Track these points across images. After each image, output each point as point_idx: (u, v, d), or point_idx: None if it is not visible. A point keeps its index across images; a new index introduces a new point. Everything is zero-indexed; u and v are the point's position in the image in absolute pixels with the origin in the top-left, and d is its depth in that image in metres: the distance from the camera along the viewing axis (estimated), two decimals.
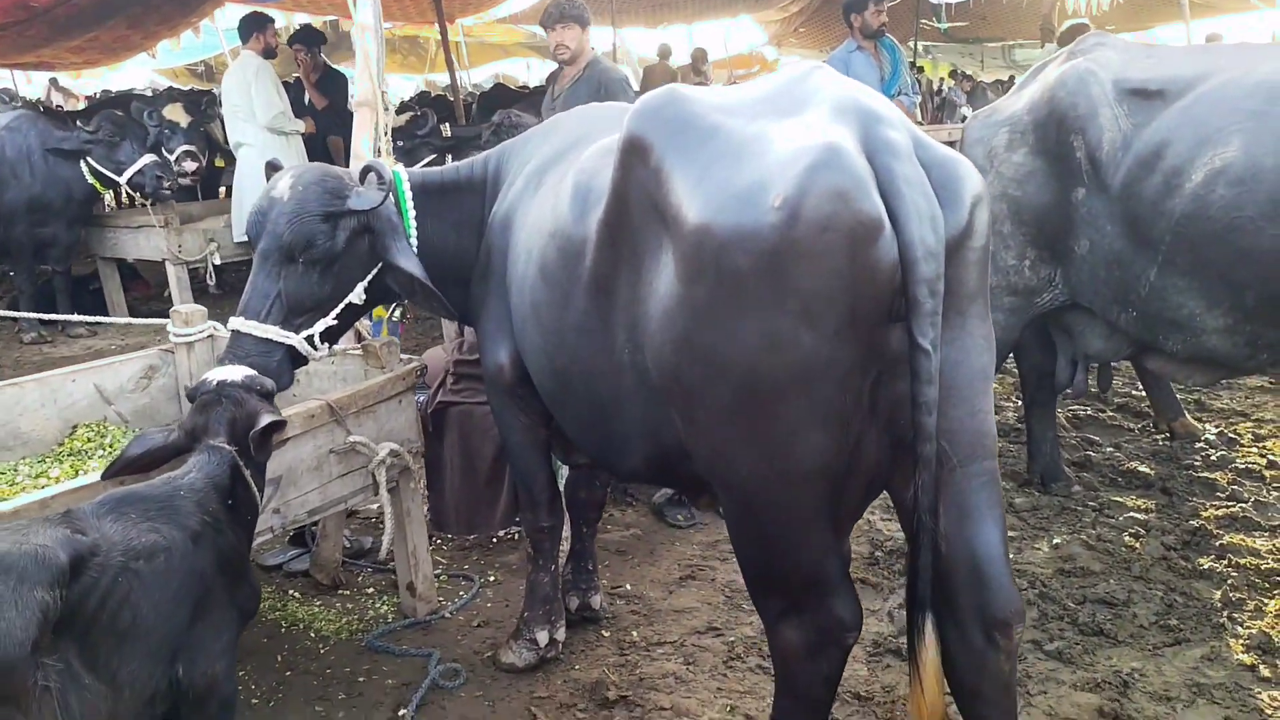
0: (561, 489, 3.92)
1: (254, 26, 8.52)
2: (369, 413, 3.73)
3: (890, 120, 2.38)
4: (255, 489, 2.85)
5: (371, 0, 4.60)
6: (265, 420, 2.84)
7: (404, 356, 4.00)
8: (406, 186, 3.54)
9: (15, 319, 8.88)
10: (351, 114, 4.89)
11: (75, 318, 6.56)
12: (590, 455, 3.41)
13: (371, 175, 3.43)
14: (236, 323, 3.33)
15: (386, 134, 4.76)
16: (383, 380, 3.79)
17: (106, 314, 9.45)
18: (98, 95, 19.58)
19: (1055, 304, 4.68)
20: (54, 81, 21.90)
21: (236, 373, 2.96)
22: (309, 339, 3.38)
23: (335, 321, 3.42)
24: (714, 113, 2.50)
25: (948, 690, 2.53)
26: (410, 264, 3.40)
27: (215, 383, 2.92)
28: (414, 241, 3.51)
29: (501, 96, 13.69)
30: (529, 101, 10.76)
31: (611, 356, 2.78)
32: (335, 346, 3.67)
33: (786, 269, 2.21)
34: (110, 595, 2.33)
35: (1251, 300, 3.96)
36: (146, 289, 10.54)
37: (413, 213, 3.52)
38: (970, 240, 2.41)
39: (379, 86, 4.62)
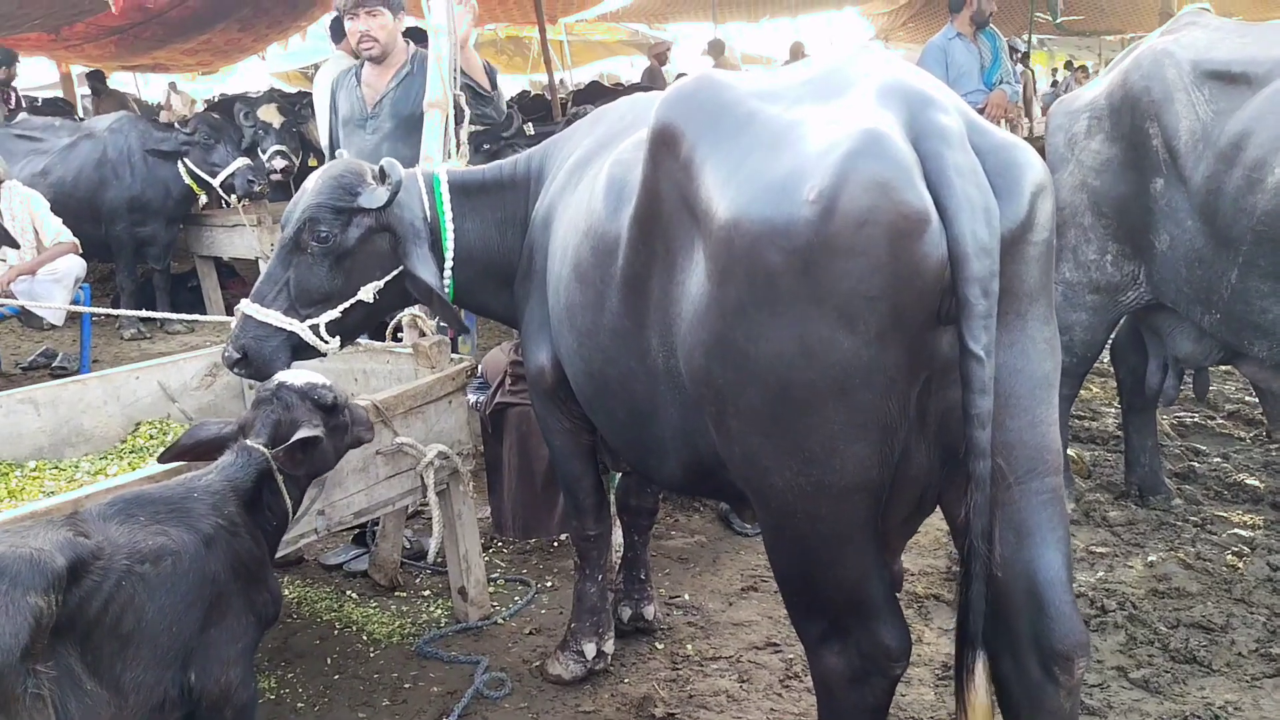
0: (612, 495, 3.78)
1: (344, 28, 8.58)
2: (417, 413, 3.64)
3: (941, 103, 2.19)
4: (287, 496, 2.77)
5: (445, 2, 4.48)
6: (299, 434, 2.74)
7: (454, 356, 3.90)
8: (444, 188, 3.41)
9: (115, 316, 9.15)
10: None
11: (154, 314, 6.71)
12: (629, 463, 3.26)
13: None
14: (243, 304, 3.34)
15: (461, 134, 4.65)
16: (431, 380, 3.70)
17: (204, 311, 9.66)
18: (216, 98, 20.15)
19: (1140, 302, 4.36)
20: (173, 85, 22.66)
21: (300, 377, 2.88)
22: (315, 330, 3.31)
23: (339, 315, 3.32)
24: (750, 99, 2.33)
25: None
26: (425, 272, 3.26)
27: (276, 383, 2.88)
28: (450, 243, 3.38)
29: (595, 94, 13.60)
30: (621, 98, 10.64)
31: (645, 360, 2.63)
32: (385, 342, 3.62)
33: (822, 267, 2.04)
34: (113, 599, 2.28)
35: None
36: (243, 287, 10.73)
37: (449, 214, 3.38)
38: (1030, 234, 2.20)
39: (450, 88, 4.51)
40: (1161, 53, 4.10)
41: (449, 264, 3.43)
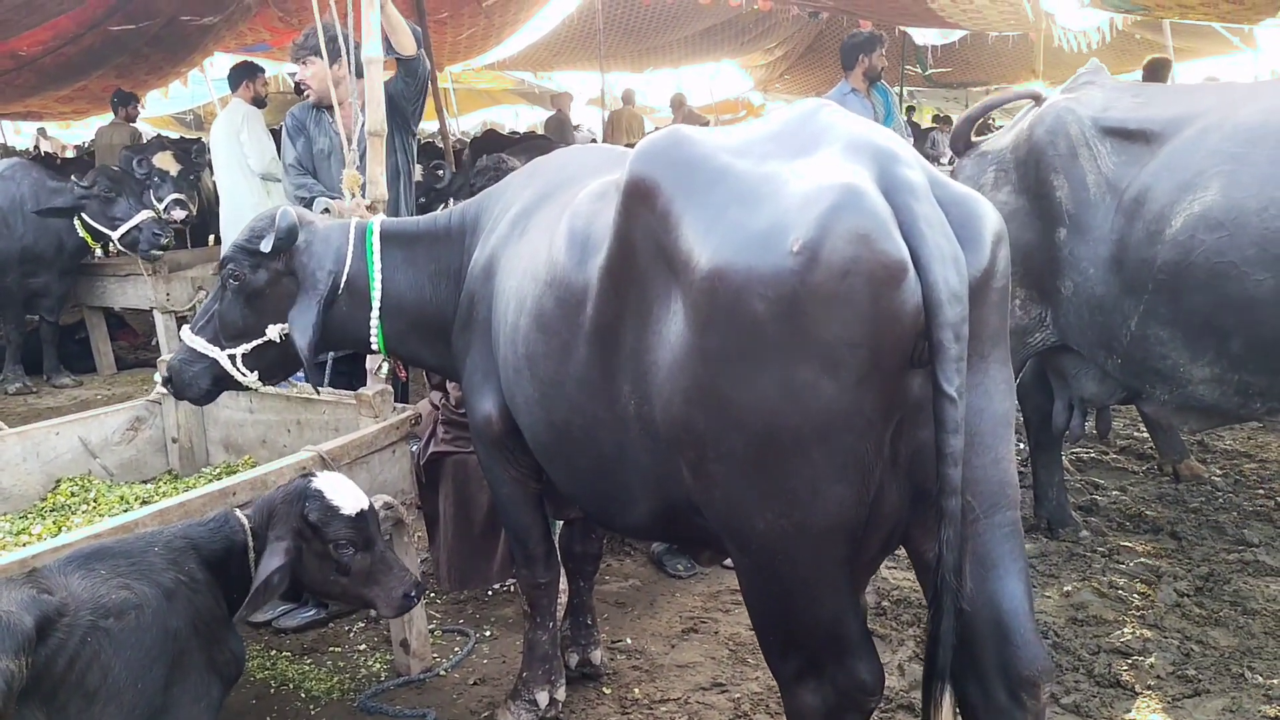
0: (556, 542, 3.80)
1: (244, 75, 8.45)
2: (362, 464, 3.62)
3: (906, 159, 2.31)
4: (252, 570, 2.71)
5: (378, 34, 4.56)
6: (265, 568, 2.66)
7: (397, 405, 3.88)
8: (376, 238, 3.50)
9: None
10: None
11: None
12: (588, 511, 3.29)
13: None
14: (182, 330, 3.63)
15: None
16: (376, 430, 3.68)
17: (93, 363, 9.33)
18: (85, 145, 19.51)
19: (1047, 344, 4.61)
20: (42, 131, 21.90)
21: (326, 482, 2.83)
22: (233, 360, 3.53)
23: (250, 350, 3.51)
24: (721, 153, 2.41)
25: None
26: (299, 325, 3.40)
27: (318, 475, 2.87)
28: (378, 292, 3.47)
29: (493, 142, 13.65)
30: (521, 147, 10.72)
31: (614, 408, 2.66)
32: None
33: (807, 315, 2.13)
34: (79, 655, 2.25)
35: (1238, 349, 3.86)
36: (134, 338, 10.42)
37: (378, 264, 3.47)
38: (992, 281, 2.33)
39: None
40: (1064, 109, 4.36)
41: (375, 313, 3.49)
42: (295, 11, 11.60)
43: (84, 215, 8.28)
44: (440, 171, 7.73)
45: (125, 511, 3.68)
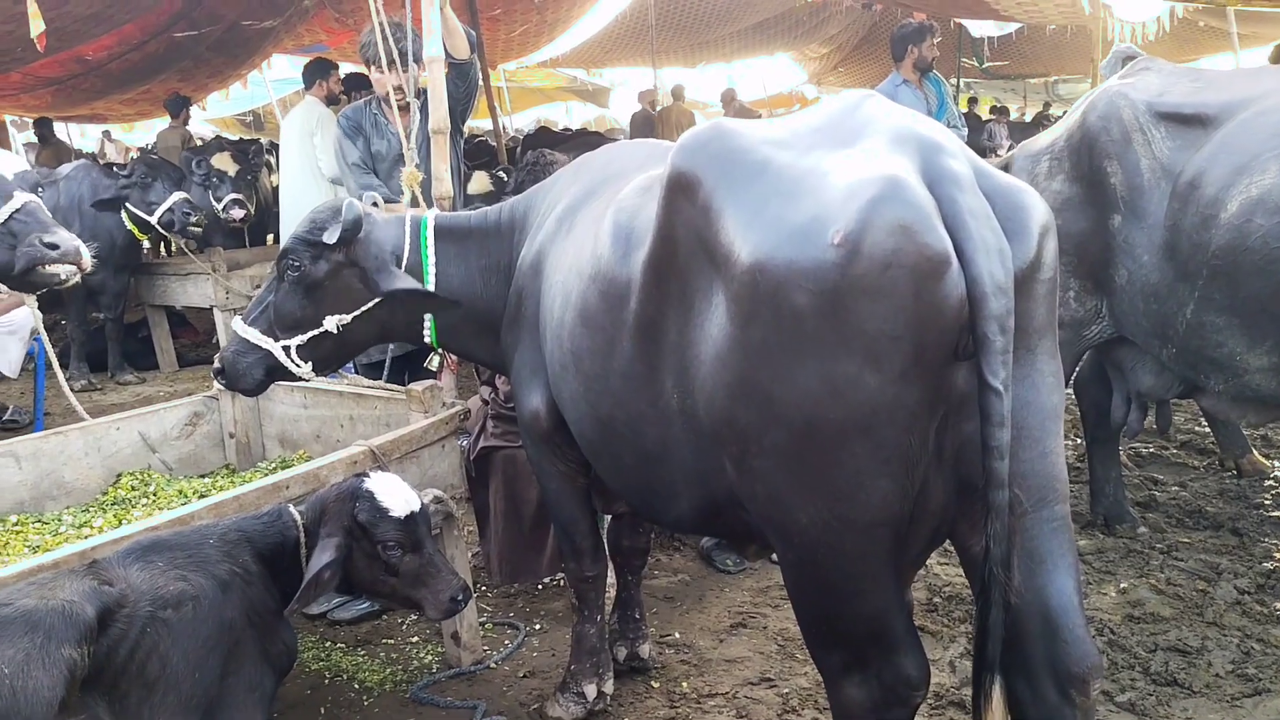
0: (604, 536, 3.81)
1: (318, 73, 8.54)
2: (412, 458, 3.66)
3: (950, 149, 2.29)
4: (304, 565, 2.76)
5: (439, 34, 4.76)
6: (316, 563, 2.68)
7: (447, 400, 3.92)
8: (430, 232, 3.54)
9: (65, 366, 8.98)
10: None
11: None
12: (633, 505, 3.30)
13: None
14: (234, 321, 3.66)
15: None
16: (425, 425, 3.72)
17: (156, 360, 9.53)
18: (149, 147, 19.93)
19: (1103, 337, 4.54)
20: (107, 134, 22.37)
21: (379, 482, 2.85)
22: (287, 352, 3.53)
23: (305, 341, 3.51)
24: (763, 146, 2.41)
25: None
26: (400, 281, 3.43)
27: (371, 475, 2.89)
28: (432, 285, 3.51)
29: (545, 139, 13.71)
30: (573, 143, 10.75)
31: (658, 403, 2.67)
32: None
33: (849, 308, 2.12)
34: (139, 646, 2.29)
35: None
36: (195, 335, 10.62)
37: (433, 258, 3.52)
38: (1039, 273, 2.30)
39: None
40: (1117, 95, 4.30)
41: None
42: (351, 12, 11.77)
43: (128, 205, 8.50)
44: (505, 176, 7.77)
45: (184, 505, 3.78)
